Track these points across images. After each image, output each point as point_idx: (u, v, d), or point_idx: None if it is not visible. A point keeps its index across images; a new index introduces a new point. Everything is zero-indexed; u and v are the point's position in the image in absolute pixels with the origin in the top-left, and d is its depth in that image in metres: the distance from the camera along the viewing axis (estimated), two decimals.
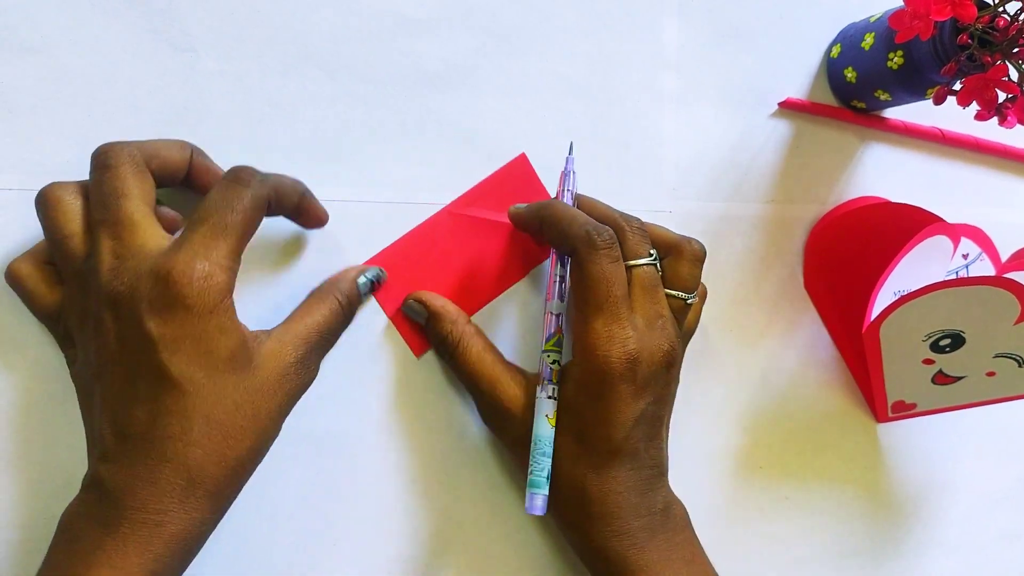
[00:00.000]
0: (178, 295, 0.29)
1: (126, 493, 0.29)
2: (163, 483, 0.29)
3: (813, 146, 0.46)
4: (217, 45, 0.38)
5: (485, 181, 0.41)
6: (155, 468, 0.29)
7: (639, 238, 0.37)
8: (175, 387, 0.30)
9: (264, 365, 0.32)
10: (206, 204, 0.31)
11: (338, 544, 0.40)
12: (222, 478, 0.31)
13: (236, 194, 0.31)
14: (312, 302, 0.36)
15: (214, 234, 0.30)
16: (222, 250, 0.30)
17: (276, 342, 0.33)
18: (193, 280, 0.29)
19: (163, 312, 0.29)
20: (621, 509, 0.35)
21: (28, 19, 0.36)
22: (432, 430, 0.41)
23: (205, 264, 0.30)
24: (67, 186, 0.33)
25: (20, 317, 0.35)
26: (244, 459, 0.31)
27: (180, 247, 0.30)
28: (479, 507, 0.41)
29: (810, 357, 0.47)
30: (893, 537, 0.49)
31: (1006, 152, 0.49)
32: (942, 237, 0.41)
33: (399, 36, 0.40)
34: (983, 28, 0.34)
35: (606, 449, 0.35)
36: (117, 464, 0.30)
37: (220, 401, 0.30)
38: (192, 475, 0.30)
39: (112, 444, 0.30)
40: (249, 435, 0.31)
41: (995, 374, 0.42)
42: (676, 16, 0.43)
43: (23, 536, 0.36)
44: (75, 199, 0.32)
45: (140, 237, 0.31)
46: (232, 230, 0.31)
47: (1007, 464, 0.51)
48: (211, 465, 0.30)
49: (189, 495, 0.30)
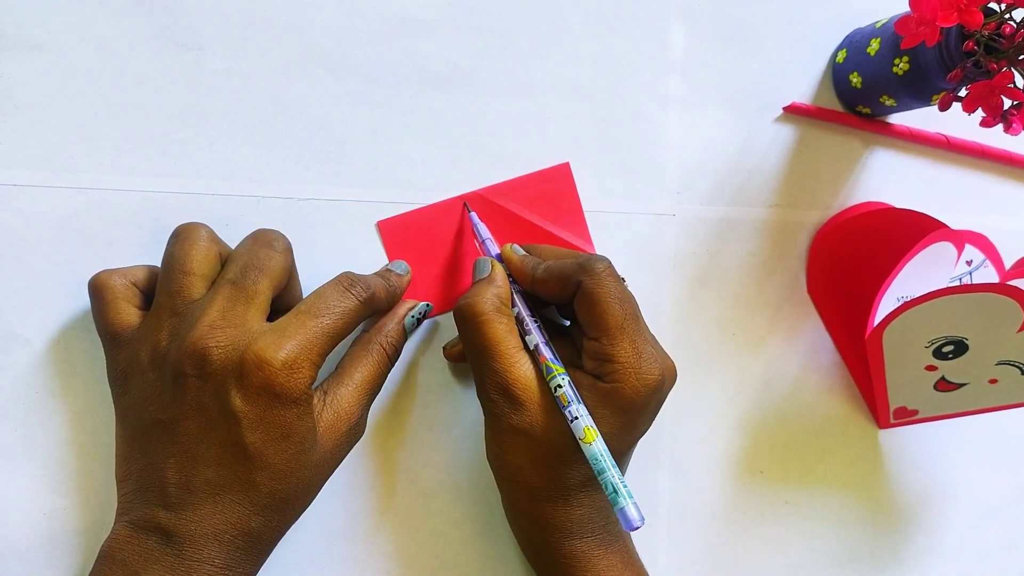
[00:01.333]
0: (270, 383, 0.31)
1: (192, 545, 0.31)
2: (227, 542, 0.31)
3: (817, 151, 0.46)
4: (223, 44, 0.38)
5: (523, 178, 0.41)
6: (221, 528, 0.31)
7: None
8: (248, 460, 0.31)
9: (324, 442, 0.33)
10: (317, 302, 0.33)
11: (338, 544, 0.40)
12: (276, 539, 0.34)
13: (346, 303, 0.33)
14: (359, 354, 0.36)
15: (317, 334, 0.32)
16: (318, 350, 0.32)
17: (332, 414, 0.34)
18: (287, 373, 0.31)
19: (252, 394, 0.31)
20: (587, 519, 0.36)
21: (36, 15, 0.36)
22: (432, 430, 0.41)
23: (302, 360, 0.31)
24: (209, 231, 0.35)
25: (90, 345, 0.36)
26: (294, 520, 0.34)
27: (283, 337, 0.31)
28: (479, 508, 0.41)
29: (812, 362, 0.47)
30: (893, 543, 0.48)
31: (1011, 159, 0.49)
32: (946, 244, 0.41)
33: (404, 37, 0.40)
34: (989, 35, 0.34)
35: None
36: (180, 516, 0.31)
37: (285, 478, 0.32)
38: (253, 538, 0.32)
39: (176, 494, 0.31)
40: (304, 503, 0.34)
41: (997, 381, 0.42)
42: (681, 19, 0.43)
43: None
44: (212, 246, 0.34)
45: (251, 312, 0.32)
46: (333, 335, 0.33)
47: (1008, 472, 0.50)
48: (269, 531, 0.33)
49: (248, 554, 0.32)
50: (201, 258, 0.33)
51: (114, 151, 0.37)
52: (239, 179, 0.38)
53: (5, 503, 0.36)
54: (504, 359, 0.35)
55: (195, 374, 0.31)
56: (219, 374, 0.31)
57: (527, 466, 0.35)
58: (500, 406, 0.35)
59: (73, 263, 0.37)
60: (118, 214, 0.37)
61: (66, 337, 0.36)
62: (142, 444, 0.32)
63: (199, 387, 0.31)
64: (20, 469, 0.36)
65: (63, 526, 0.36)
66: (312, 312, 0.32)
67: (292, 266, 0.35)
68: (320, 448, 0.33)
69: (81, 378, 0.37)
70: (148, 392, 0.32)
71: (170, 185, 0.38)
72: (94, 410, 0.37)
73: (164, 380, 0.32)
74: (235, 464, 0.31)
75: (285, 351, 0.31)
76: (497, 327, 0.35)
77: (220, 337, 0.31)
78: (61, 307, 0.36)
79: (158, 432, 0.32)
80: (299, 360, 0.31)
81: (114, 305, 0.34)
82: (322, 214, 0.39)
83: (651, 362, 0.35)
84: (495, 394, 0.35)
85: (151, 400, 0.32)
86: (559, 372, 0.35)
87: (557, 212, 0.42)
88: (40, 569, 0.36)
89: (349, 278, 0.34)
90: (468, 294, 0.36)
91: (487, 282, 0.37)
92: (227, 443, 0.31)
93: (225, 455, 0.31)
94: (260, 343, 0.31)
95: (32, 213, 0.36)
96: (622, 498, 0.33)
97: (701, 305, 0.44)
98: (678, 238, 0.44)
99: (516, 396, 0.35)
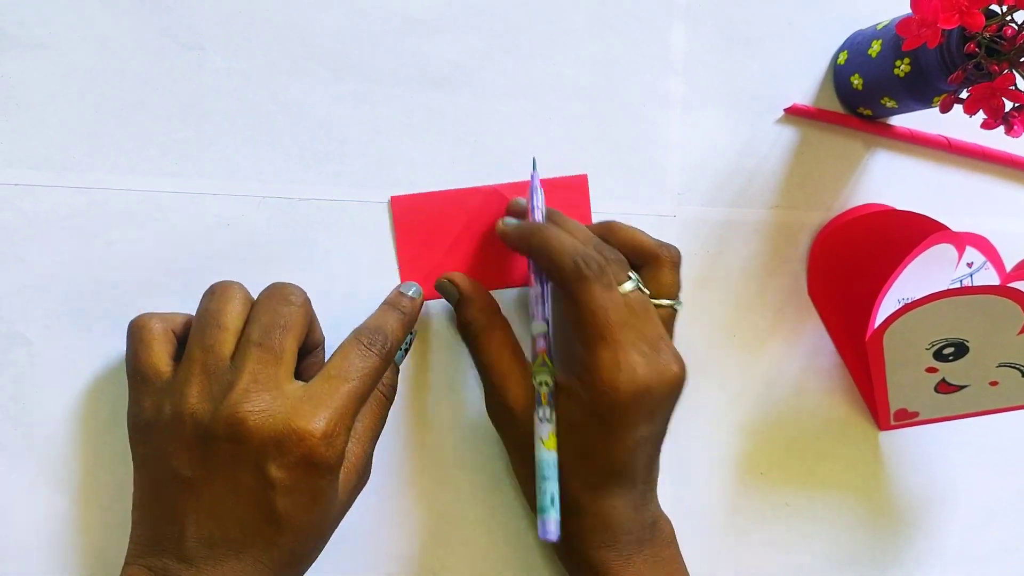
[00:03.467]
0: (310, 455, 0.31)
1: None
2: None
3: (819, 153, 0.46)
4: (224, 43, 0.38)
5: (541, 180, 0.41)
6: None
7: (617, 266, 0.36)
8: (276, 523, 0.31)
9: (341, 495, 0.34)
10: (345, 365, 0.33)
11: (338, 544, 0.40)
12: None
13: (371, 362, 0.33)
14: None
15: (349, 400, 0.32)
16: (351, 414, 0.32)
17: (344, 470, 0.34)
18: (326, 443, 0.31)
19: (290, 463, 0.31)
20: (613, 523, 0.36)
21: (37, 14, 0.36)
22: (432, 430, 0.41)
23: (340, 429, 0.32)
24: (242, 290, 0.35)
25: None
26: (307, 568, 0.34)
27: (319, 406, 0.32)
28: (479, 508, 0.41)
29: (813, 364, 0.47)
30: (893, 546, 0.48)
31: (1012, 161, 0.49)
32: (947, 246, 0.41)
33: (405, 37, 0.40)
34: (991, 37, 0.34)
35: (608, 470, 0.35)
36: (200, 570, 0.31)
37: (307, 538, 0.33)
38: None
39: (195, 549, 0.31)
40: (317, 555, 0.35)
41: (998, 384, 0.42)
42: (683, 21, 0.43)
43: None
44: (246, 305, 0.34)
45: (281, 372, 0.32)
46: (363, 397, 0.33)
47: (1008, 475, 0.50)
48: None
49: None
50: (236, 314, 0.34)
51: (115, 151, 0.37)
52: (240, 179, 0.38)
53: (5, 503, 0.36)
54: (497, 376, 0.38)
55: (229, 438, 0.31)
56: (255, 442, 0.31)
57: (531, 479, 0.36)
58: (499, 423, 0.38)
59: (74, 262, 0.36)
60: (119, 214, 0.37)
61: (66, 337, 0.36)
62: (160, 495, 0.32)
63: (232, 451, 0.31)
64: (20, 469, 0.36)
65: (63, 526, 0.36)
66: (342, 376, 0.32)
67: (312, 315, 0.36)
68: (338, 503, 0.34)
69: (82, 378, 0.37)
70: (171, 447, 0.32)
71: (171, 185, 0.38)
72: (95, 410, 0.37)
73: (190, 438, 0.32)
74: (262, 526, 0.31)
75: (324, 421, 0.31)
76: (490, 343, 0.38)
77: (255, 402, 0.31)
78: (62, 307, 0.36)
79: (179, 487, 0.32)
80: (336, 429, 0.31)
81: (151, 348, 0.34)
82: (323, 214, 0.39)
83: (630, 372, 0.34)
84: (493, 411, 0.38)
85: (174, 455, 0.32)
86: (545, 371, 0.36)
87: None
88: (40, 569, 0.36)
89: (368, 336, 0.34)
90: (457, 317, 0.39)
91: (464, 303, 0.39)
92: (257, 506, 0.31)
93: (253, 517, 0.31)
94: (299, 415, 0.31)
95: (33, 212, 0.36)
96: (542, 509, 0.35)
97: (702, 307, 0.44)
98: (679, 239, 0.44)
99: (512, 411, 0.37)
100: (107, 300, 0.37)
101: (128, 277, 0.37)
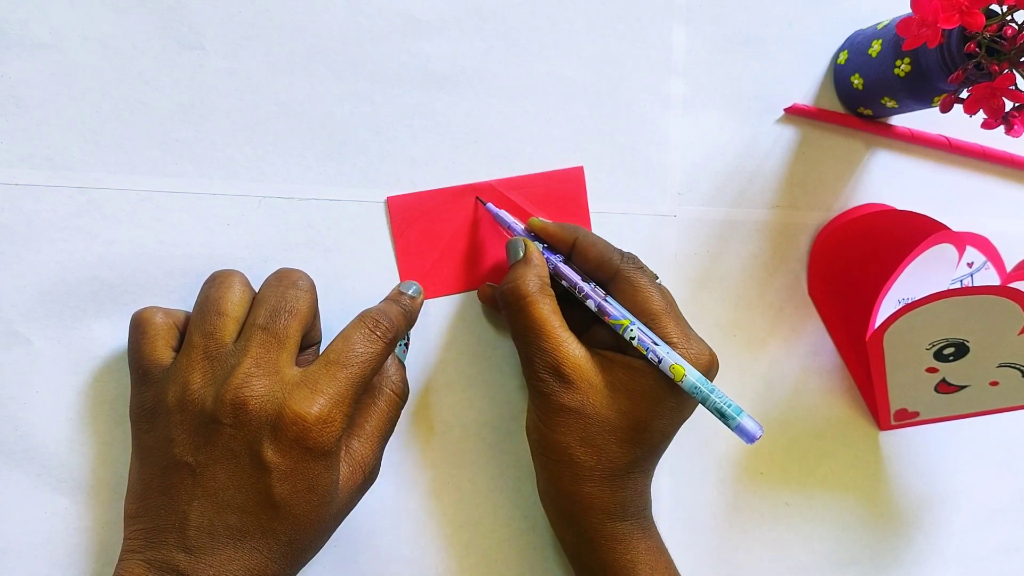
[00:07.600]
0: (303, 437, 0.31)
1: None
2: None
3: (819, 152, 0.46)
4: (225, 43, 0.38)
5: (536, 175, 0.41)
6: (239, 574, 0.31)
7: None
8: (273, 509, 0.31)
9: (342, 493, 0.34)
10: (346, 349, 0.33)
11: (338, 544, 0.40)
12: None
13: (374, 347, 0.33)
14: (369, 403, 0.36)
15: (348, 386, 0.32)
16: (349, 400, 0.32)
17: (349, 468, 0.34)
18: (320, 427, 0.31)
19: (285, 446, 0.31)
20: (647, 496, 0.37)
21: (39, 14, 0.36)
22: (434, 430, 0.41)
23: (335, 414, 0.32)
24: (242, 277, 0.35)
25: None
26: (305, 564, 0.34)
27: (316, 391, 0.32)
28: (482, 508, 0.41)
29: (813, 364, 0.47)
30: (893, 546, 0.48)
31: (1012, 161, 0.49)
32: (947, 246, 0.41)
33: (407, 37, 0.40)
34: (991, 37, 0.34)
35: (651, 444, 0.36)
36: (199, 559, 0.31)
37: (306, 528, 0.32)
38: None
39: (196, 537, 0.31)
40: (317, 550, 0.34)
41: (998, 384, 0.42)
42: (684, 22, 0.43)
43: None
44: (245, 292, 0.35)
45: (283, 357, 0.33)
46: (363, 384, 0.33)
47: (1008, 475, 0.50)
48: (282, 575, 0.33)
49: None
50: (236, 301, 0.34)
51: (116, 150, 0.37)
52: (241, 178, 0.38)
53: (5, 503, 0.36)
54: (553, 339, 0.36)
55: (230, 423, 0.31)
56: (254, 424, 0.31)
57: (574, 445, 0.36)
58: (550, 385, 0.36)
59: (74, 262, 0.36)
60: (120, 213, 0.37)
61: (67, 336, 0.36)
62: (163, 484, 0.32)
63: (232, 435, 0.31)
64: (20, 469, 0.36)
65: (64, 525, 0.36)
66: (342, 362, 0.33)
67: (316, 303, 0.36)
68: (340, 498, 0.34)
69: (82, 377, 0.37)
70: (174, 433, 0.32)
71: (172, 184, 0.38)
72: (95, 409, 0.37)
73: (194, 424, 0.32)
74: (260, 512, 0.31)
75: (318, 406, 0.31)
76: (543, 308, 0.36)
77: (256, 386, 0.31)
78: (62, 306, 0.36)
79: (183, 474, 0.32)
80: (332, 414, 0.32)
81: (154, 342, 0.34)
82: (323, 214, 0.39)
83: (700, 343, 0.36)
84: (544, 373, 0.36)
85: (177, 442, 0.32)
86: (628, 324, 0.36)
87: (564, 214, 0.42)
88: (40, 569, 0.36)
89: (373, 319, 0.34)
90: (510, 277, 0.37)
91: (525, 263, 0.37)
92: (255, 491, 0.31)
93: (251, 503, 0.31)
94: (295, 398, 0.31)
95: (34, 212, 0.36)
96: (732, 418, 0.34)
97: (702, 306, 0.44)
98: (679, 239, 0.44)
99: (567, 375, 0.36)
100: (107, 300, 0.37)
101: (128, 277, 0.37)
